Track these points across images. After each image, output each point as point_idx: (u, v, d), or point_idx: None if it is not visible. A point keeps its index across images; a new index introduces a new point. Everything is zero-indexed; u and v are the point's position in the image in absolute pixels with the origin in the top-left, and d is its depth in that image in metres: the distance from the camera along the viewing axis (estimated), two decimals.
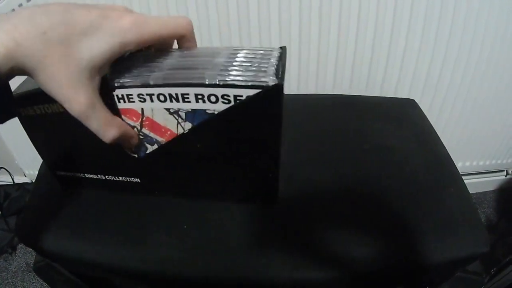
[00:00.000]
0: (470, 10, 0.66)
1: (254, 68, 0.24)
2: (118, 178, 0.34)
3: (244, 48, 0.26)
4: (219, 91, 0.24)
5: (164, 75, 0.25)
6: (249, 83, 0.23)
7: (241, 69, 0.24)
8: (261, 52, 0.26)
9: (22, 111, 0.29)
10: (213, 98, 0.24)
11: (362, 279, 0.32)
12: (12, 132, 0.92)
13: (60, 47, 0.22)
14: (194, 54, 0.27)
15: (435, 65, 0.74)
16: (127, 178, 0.34)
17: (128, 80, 0.25)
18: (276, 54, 0.26)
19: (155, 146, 0.29)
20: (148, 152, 0.30)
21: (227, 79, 0.23)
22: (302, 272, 0.31)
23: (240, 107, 0.24)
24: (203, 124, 0.26)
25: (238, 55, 0.26)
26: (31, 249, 0.89)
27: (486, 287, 0.63)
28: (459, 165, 0.96)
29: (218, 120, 0.25)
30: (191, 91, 0.24)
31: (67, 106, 0.23)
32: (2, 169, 1.05)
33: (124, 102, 0.26)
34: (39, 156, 0.35)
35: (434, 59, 0.73)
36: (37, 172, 0.42)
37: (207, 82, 0.23)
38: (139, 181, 0.34)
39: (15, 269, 0.97)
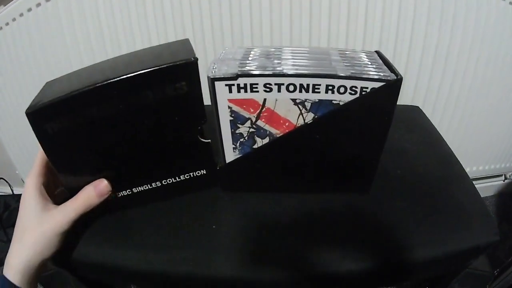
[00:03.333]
0: (468, 19, 0.69)
1: (370, 65, 0.26)
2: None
3: (347, 49, 0.29)
4: (349, 83, 0.25)
5: (293, 67, 0.26)
6: (376, 77, 0.25)
7: (360, 65, 0.26)
8: (364, 53, 0.29)
9: (49, 126, 0.27)
10: (342, 89, 0.26)
11: (376, 273, 0.33)
12: (14, 141, 0.92)
13: None
14: (308, 52, 0.28)
15: (436, 74, 0.77)
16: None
17: (255, 69, 0.26)
18: (375, 55, 0.29)
19: (266, 140, 0.30)
20: (255, 146, 0.30)
21: (355, 72, 0.25)
22: (321, 267, 0.31)
23: (365, 98, 0.26)
24: (329, 114, 0.27)
25: (347, 55, 0.28)
26: None
27: (491, 287, 0.64)
28: None
29: (342, 110, 0.27)
30: (323, 82, 0.25)
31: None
32: (2, 179, 1.04)
33: (245, 91, 0.27)
34: None
35: (434, 68, 0.76)
36: None
37: (340, 74, 0.25)
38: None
39: None
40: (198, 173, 0.35)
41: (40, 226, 0.32)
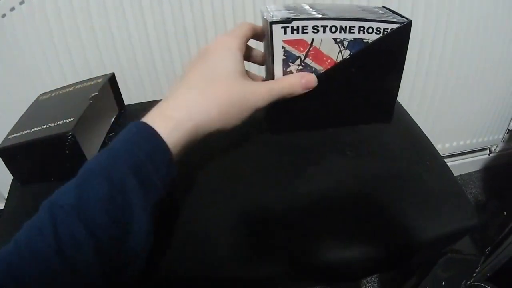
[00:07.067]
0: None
1: (387, 14, 0.36)
2: None
3: (366, 6, 0.40)
4: (375, 25, 0.34)
5: (334, 14, 0.34)
6: (394, 20, 0.34)
7: (379, 14, 0.36)
8: (377, 8, 0.38)
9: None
10: (370, 30, 0.34)
11: (349, 268, 0.30)
12: None
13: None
14: (336, 7, 0.38)
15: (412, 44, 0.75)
16: None
17: (305, 16, 0.33)
18: (385, 9, 0.38)
19: None
20: None
21: (378, 17, 0.34)
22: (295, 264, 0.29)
23: (386, 36, 0.34)
24: (361, 51, 0.35)
25: (365, 8, 0.37)
26: None
27: (482, 267, 0.61)
28: (438, 146, 0.96)
29: (371, 46, 0.35)
30: (357, 24, 0.34)
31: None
32: None
33: (297, 32, 0.33)
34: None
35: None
36: None
37: (369, 18, 0.34)
38: None
39: None
40: None
41: (236, 86, 0.28)
